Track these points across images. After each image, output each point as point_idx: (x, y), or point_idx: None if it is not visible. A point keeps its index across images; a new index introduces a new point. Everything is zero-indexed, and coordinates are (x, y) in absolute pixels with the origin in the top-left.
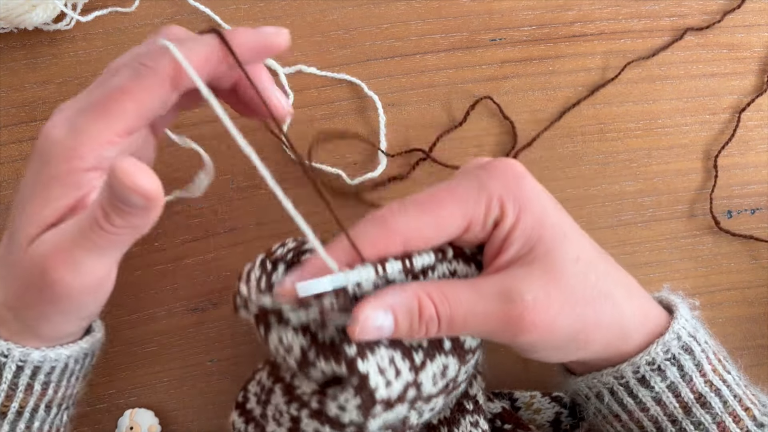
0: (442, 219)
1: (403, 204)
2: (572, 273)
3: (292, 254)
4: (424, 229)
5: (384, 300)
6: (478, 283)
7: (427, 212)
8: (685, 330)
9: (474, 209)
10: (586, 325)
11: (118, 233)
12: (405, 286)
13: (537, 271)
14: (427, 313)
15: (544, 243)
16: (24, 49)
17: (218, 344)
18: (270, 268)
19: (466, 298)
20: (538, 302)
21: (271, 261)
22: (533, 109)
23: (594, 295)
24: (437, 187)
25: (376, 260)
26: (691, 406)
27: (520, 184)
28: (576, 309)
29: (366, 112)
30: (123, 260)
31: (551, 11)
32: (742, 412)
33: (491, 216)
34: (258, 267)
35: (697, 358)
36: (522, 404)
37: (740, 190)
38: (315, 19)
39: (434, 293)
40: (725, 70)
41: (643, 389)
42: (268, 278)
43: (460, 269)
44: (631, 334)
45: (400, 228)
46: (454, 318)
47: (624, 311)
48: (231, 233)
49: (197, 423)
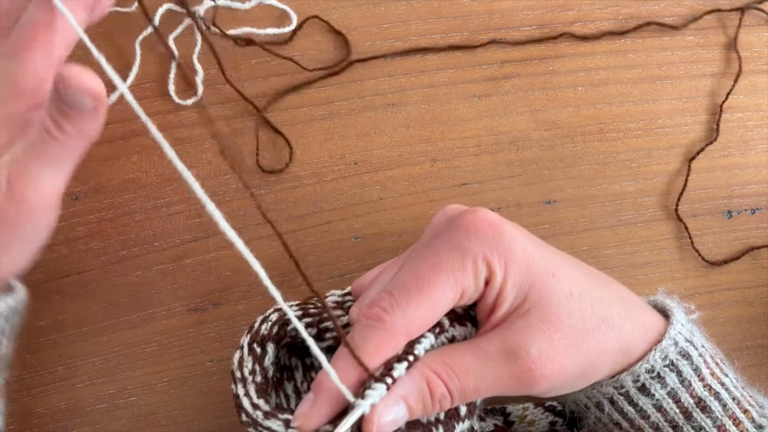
0: (436, 300)
1: (392, 296)
2: (569, 312)
3: (277, 328)
4: (422, 316)
5: (394, 393)
6: (480, 344)
7: (420, 298)
8: (682, 335)
9: (463, 278)
10: (593, 357)
11: (69, 141)
12: (411, 369)
13: (535, 321)
14: (438, 392)
15: (536, 289)
16: None
17: (218, 344)
18: (260, 352)
19: (472, 366)
20: (543, 353)
21: (259, 343)
22: (533, 109)
23: (594, 325)
24: (418, 266)
25: (384, 371)
26: (692, 411)
27: (500, 237)
28: (581, 346)
29: (366, 112)
30: (123, 260)
31: (551, 11)
32: (741, 414)
33: (481, 278)
34: (248, 355)
35: (695, 362)
36: (515, 418)
37: (740, 190)
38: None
39: (440, 369)
40: (725, 70)
41: (643, 397)
42: (262, 369)
43: (458, 333)
44: (634, 349)
45: (400, 325)
46: (465, 389)
47: (624, 330)
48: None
49: (197, 423)
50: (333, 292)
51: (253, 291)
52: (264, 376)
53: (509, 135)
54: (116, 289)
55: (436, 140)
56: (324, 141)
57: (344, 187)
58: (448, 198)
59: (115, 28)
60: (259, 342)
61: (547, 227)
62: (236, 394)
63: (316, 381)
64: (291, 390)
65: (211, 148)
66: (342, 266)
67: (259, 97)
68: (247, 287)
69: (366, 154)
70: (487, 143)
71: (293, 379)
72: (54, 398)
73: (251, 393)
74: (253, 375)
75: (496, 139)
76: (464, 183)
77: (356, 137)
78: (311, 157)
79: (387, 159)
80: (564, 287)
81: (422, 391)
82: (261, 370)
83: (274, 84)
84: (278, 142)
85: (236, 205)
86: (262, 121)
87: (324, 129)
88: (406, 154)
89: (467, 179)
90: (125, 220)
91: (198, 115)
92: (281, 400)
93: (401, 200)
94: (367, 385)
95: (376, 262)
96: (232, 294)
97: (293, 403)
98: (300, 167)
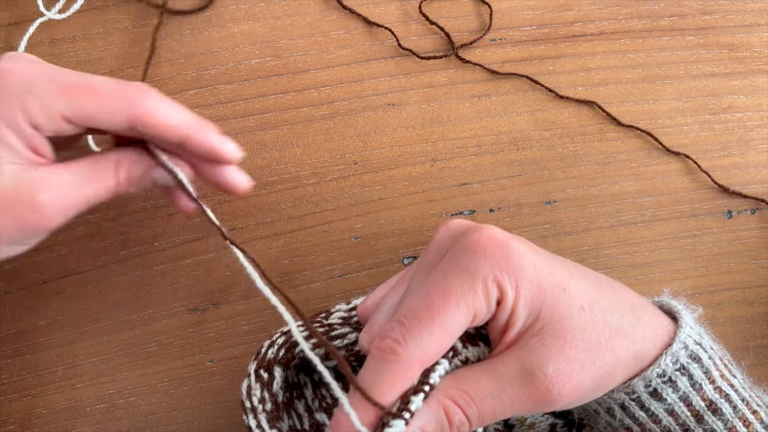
0: (448, 326)
1: (403, 326)
2: (581, 326)
3: (284, 351)
4: (436, 344)
5: (412, 426)
6: (495, 366)
7: (432, 326)
8: (691, 338)
9: (474, 301)
10: (608, 368)
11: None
12: (428, 399)
13: (549, 339)
14: (456, 419)
15: (547, 306)
16: (24, 49)
17: (218, 344)
18: (267, 377)
19: (489, 390)
20: (560, 371)
21: (266, 368)
22: (533, 109)
23: (607, 336)
24: (426, 292)
25: (401, 405)
26: (703, 414)
27: (508, 256)
28: (596, 360)
29: (366, 112)
30: (123, 260)
31: (551, 11)
32: (751, 415)
33: (492, 299)
34: (255, 382)
35: (705, 365)
36: (515, 421)
37: (740, 190)
38: (315, 19)
39: (457, 396)
40: (725, 70)
41: (655, 402)
42: (272, 395)
43: (471, 354)
44: (646, 355)
45: (415, 356)
46: (483, 414)
47: (636, 338)
48: (231, 233)
49: (197, 423)
50: (339, 308)
51: (253, 291)
52: (274, 402)
53: (509, 135)
54: (116, 289)
55: (436, 140)
56: (324, 141)
57: (344, 187)
58: (448, 198)
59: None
60: (266, 367)
61: (547, 227)
62: (249, 426)
63: (334, 419)
64: (303, 409)
65: None
66: (342, 266)
67: (259, 97)
68: (247, 287)
69: (366, 154)
70: (487, 143)
71: (303, 397)
72: (54, 398)
73: (263, 424)
74: (263, 403)
75: (496, 139)
76: (464, 183)
77: (356, 137)
78: (311, 157)
79: (387, 159)
80: (575, 301)
81: (440, 421)
82: (270, 396)
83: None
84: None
85: (236, 205)
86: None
87: (324, 129)
88: (406, 154)
89: (467, 179)
90: (125, 220)
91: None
92: (294, 421)
93: (401, 200)
94: (385, 421)
95: (376, 262)
96: (232, 294)
97: (306, 423)
98: (300, 167)
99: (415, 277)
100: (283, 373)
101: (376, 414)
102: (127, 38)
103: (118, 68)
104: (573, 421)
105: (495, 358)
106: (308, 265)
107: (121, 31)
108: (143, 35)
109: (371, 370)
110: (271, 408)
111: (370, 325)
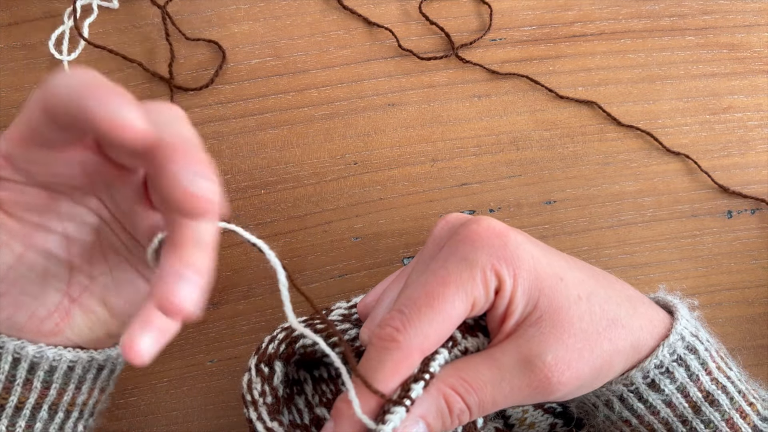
0: (447, 314)
1: (403, 314)
2: (579, 315)
3: (285, 346)
4: (436, 332)
5: (413, 414)
6: (494, 355)
7: (432, 314)
8: (688, 330)
9: (473, 290)
10: (607, 357)
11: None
12: (428, 387)
13: (548, 327)
14: (456, 408)
15: (545, 295)
16: (24, 49)
17: (218, 344)
18: (267, 371)
19: (488, 378)
20: (558, 359)
21: (266, 363)
22: (533, 109)
23: (604, 326)
24: (426, 281)
25: (401, 392)
26: (700, 405)
27: (506, 245)
28: (594, 348)
29: (366, 112)
30: None
31: (551, 11)
32: (747, 407)
33: (491, 288)
34: (256, 376)
35: (701, 356)
36: (515, 421)
37: (740, 190)
38: (315, 19)
39: (457, 384)
40: (725, 70)
41: (653, 393)
42: (272, 389)
43: (470, 345)
44: (643, 346)
45: (415, 343)
46: (483, 402)
47: (633, 328)
48: (231, 233)
49: (197, 423)
50: (339, 305)
51: (253, 291)
52: (274, 395)
53: (509, 135)
54: None
55: (436, 140)
56: (324, 141)
57: (344, 187)
58: (448, 198)
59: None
60: (266, 362)
61: (547, 227)
62: (249, 419)
63: (335, 408)
64: (303, 404)
65: (210, 148)
66: (342, 266)
67: (259, 97)
68: (247, 287)
69: (366, 154)
70: (487, 143)
71: (303, 392)
72: None
73: (264, 416)
74: (264, 396)
75: (496, 139)
76: (464, 183)
77: (356, 137)
78: (311, 157)
79: (387, 159)
80: (572, 291)
81: (441, 409)
82: (271, 390)
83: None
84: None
85: (236, 206)
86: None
87: (324, 129)
88: (406, 154)
89: (467, 179)
90: None
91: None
92: (294, 416)
93: (401, 200)
94: (387, 408)
95: (376, 262)
96: (232, 294)
97: (306, 418)
98: (300, 167)
99: (415, 269)
100: (284, 368)
101: (377, 402)
102: (128, 39)
103: None
104: (572, 420)
105: (494, 348)
106: (308, 265)
107: (121, 31)
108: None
109: (372, 359)
110: (271, 401)
111: (370, 320)
